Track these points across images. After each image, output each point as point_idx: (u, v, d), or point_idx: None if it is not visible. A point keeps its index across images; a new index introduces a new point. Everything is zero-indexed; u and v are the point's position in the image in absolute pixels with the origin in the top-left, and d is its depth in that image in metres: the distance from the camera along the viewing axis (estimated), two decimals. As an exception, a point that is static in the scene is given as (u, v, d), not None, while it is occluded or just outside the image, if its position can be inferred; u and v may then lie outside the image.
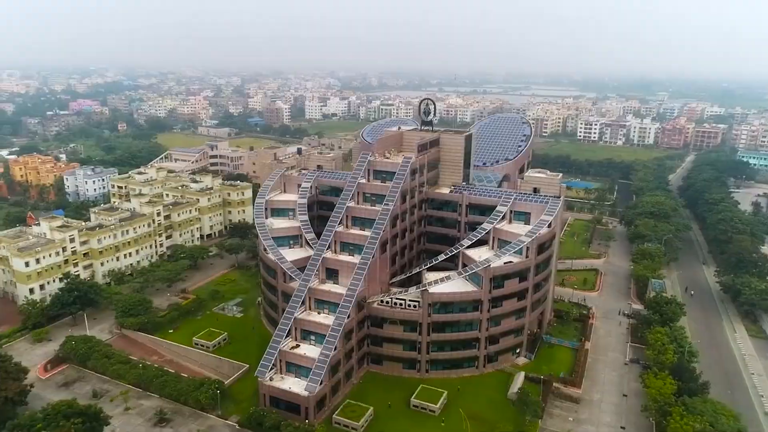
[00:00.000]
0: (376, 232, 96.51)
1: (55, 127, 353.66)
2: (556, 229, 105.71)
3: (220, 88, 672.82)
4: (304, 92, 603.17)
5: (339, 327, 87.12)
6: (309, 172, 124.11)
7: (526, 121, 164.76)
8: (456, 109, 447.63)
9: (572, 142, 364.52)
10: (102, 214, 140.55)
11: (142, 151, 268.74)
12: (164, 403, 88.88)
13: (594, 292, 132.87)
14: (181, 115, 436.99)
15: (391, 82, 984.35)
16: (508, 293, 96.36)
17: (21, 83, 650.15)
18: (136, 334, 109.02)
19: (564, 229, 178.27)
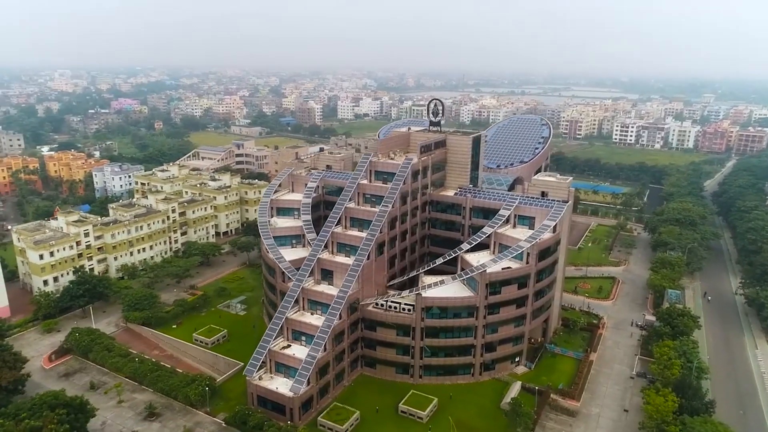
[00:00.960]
0: (371, 234, 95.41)
1: (94, 124, 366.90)
2: (562, 234, 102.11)
3: (257, 88, 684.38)
4: (339, 92, 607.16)
5: (327, 329, 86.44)
6: (316, 172, 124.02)
7: (546, 123, 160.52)
8: (489, 110, 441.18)
9: (607, 145, 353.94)
10: (119, 209, 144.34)
11: (172, 149, 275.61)
12: (156, 398, 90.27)
13: (608, 301, 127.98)
14: (216, 114, 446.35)
15: (428, 82, 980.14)
16: (505, 300, 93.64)
17: (70, 83, 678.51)
18: (141, 328, 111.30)
19: (585, 234, 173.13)
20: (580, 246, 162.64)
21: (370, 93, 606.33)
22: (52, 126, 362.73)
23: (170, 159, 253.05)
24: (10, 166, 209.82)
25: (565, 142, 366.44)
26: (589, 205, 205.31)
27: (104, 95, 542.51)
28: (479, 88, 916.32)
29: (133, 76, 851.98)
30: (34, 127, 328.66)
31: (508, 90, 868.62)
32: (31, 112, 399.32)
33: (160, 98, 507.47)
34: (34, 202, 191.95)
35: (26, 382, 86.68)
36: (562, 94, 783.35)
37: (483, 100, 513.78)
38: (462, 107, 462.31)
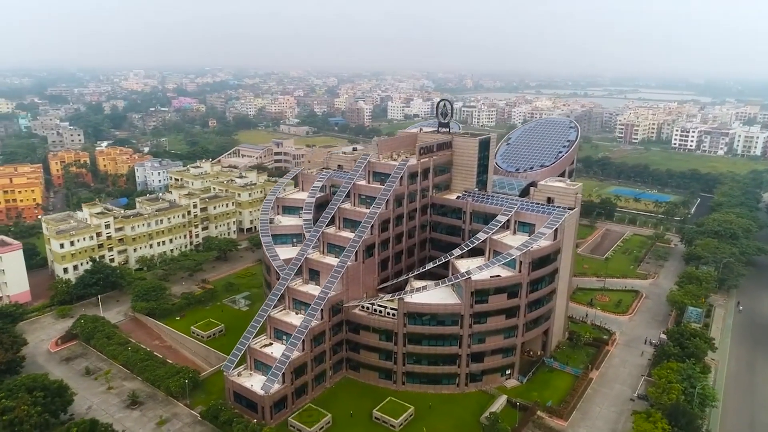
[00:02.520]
0: (358, 236, 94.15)
1: (153, 122, 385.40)
2: (565, 242, 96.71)
3: (313, 88, 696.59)
4: (393, 93, 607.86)
5: (304, 329, 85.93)
6: (324, 172, 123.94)
7: (574, 126, 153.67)
8: (541, 112, 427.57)
9: (664, 150, 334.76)
10: (144, 203, 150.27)
11: (218, 146, 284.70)
12: (144, 387, 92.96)
13: (624, 316, 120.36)
14: (268, 113, 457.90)
15: (487, 83, 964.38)
16: (493, 309, 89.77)
17: (141, 82, 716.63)
18: (146, 318, 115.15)
19: (617, 244, 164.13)
20: (608, 256, 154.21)
21: (424, 94, 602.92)
22: (114, 123, 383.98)
23: (213, 156, 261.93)
24: (63, 160, 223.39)
25: (618, 147, 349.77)
26: (627, 213, 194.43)
27: (168, 94, 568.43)
28: (540, 90, 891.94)
29: (201, 76, 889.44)
30: (96, 123, 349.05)
31: (570, 92, 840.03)
32: (98, 110, 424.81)
33: (219, 97, 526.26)
34: (82, 193, 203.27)
35: (24, 363, 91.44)
36: (628, 96, 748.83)
37: (537, 101, 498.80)
38: (514, 109, 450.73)
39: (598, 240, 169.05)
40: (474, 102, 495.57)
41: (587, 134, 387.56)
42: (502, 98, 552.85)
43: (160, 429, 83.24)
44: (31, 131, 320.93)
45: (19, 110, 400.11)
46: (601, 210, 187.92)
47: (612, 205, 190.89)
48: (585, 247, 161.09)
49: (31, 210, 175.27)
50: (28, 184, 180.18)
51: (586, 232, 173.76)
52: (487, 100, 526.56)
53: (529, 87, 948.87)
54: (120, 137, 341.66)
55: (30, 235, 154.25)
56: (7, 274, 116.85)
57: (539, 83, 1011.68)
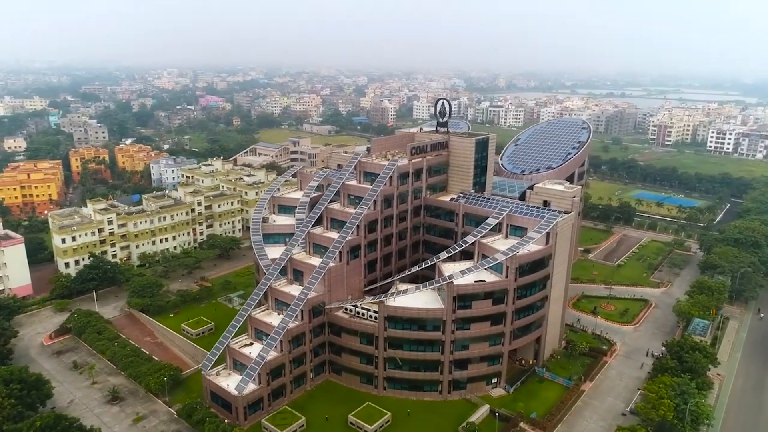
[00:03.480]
0: (342, 237, 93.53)
1: (178, 120, 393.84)
2: (555, 248, 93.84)
3: (342, 87, 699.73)
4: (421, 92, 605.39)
5: (282, 330, 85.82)
6: (322, 171, 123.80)
7: (586, 126, 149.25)
8: (571, 112, 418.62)
9: (698, 153, 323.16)
10: (150, 200, 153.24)
11: (237, 144, 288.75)
12: (127, 383, 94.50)
13: (629, 326, 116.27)
14: (293, 112, 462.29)
15: (521, 83, 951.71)
16: (477, 315, 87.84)
17: (172, 80, 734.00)
18: (140, 315, 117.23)
19: (632, 250, 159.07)
20: (620, 262, 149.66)
21: (453, 93, 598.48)
22: (141, 120, 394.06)
23: (230, 154, 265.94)
24: (83, 157, 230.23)
25: (650, 149, 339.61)
26: (647, 218, 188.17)
27: (198, 93, 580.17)
28: (575, 89, 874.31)
29: (233, 74, 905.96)
30: (122, 121, 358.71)
31: (607, 92, 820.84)
32: (126, 108, 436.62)
33: (246, 96, 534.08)
34: (97, 190, 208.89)
35: (12, 356, 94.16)
36: (668, 96, 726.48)
37: (568, 101, 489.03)
38: (543, 109, 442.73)
39: (613, 246, 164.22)
40: (501, 101, 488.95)
41: (618, 135, 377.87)
42: (532, 98, 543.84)
43: (137, 425, 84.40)
44: (60, 128, 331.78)
45: (52, 108, 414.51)
46: (619, 214, 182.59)
47: (631, 209, 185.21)
48: (598, 252, 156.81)
49: (46, 205, 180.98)
50: (45, 180, 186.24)
51: (601, 237, 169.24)
52: (516, 100, 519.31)
53: (564, 87, 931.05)
54: (145, 134, 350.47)
55: (40, 230, 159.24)
56: (8, 267, 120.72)
57: (575, 83, 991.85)
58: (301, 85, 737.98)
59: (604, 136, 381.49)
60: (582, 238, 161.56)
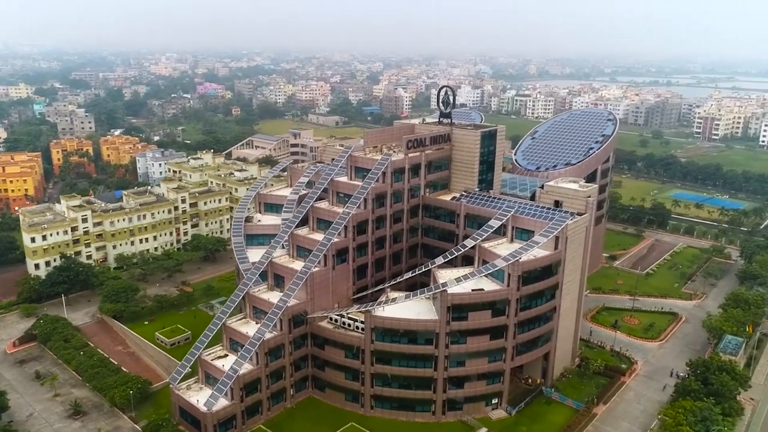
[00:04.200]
0: (327, 239, 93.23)
1: (172, 109, 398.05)
2: (565, 253, 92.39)
3: (354, 74, 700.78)
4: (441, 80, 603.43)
5: (257, 341, 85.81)
6: (312, 166, 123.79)
7: (612, 118, 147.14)
8: (606, 102, 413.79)
9: (750, 149, 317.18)
10: (130, 196, 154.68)
11: (232, 136, 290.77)
12: (92, 395, 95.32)
13: (654, 342, 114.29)
14: (299, 101, 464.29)
15: (554, 69, 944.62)
16: (474, 327, 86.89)
17: (170, 66, 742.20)
18: (112, 322, 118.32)
19: (664, 257, 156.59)
20: (649, 271, 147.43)
21: (476, 81, 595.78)
22: (132, 109, 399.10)
23: (225, 146, 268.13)
24: (65, 149, 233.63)
25: (694, 144, 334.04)
26: (684, 221, 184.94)
27: (196, 79, 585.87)
28: (615, 77, 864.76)
29: (236, 60, 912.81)
30: (110, 110, 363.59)
31: (651, 79, 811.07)
32: (117, 96, 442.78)
33: (249, 83, 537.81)
34: (80, 185, 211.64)
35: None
36: (719, 85, 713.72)
37: (604, 90, 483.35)
38: (576, 99, 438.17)
39: (643, 252, 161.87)
40: (529, 90, 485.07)
41: (659, 128, 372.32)
42: (565, 86, 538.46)
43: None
44: (44, 118, 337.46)
45: (38, 95, 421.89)
46: (652, 217, 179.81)
47: (665, 211, 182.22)
48: (625, 259, 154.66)
49: (22, 201, 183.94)
50: (21, 174, 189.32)
51: (630, 242, 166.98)
52: (546, 88, 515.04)
53: (602, 74, 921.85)
54: (136, 125, 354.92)
55: (12, 228, 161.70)
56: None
57: (615, 69, 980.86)
58: (310, 71, 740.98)
59: (643, 129, 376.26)
60: (608, 243, 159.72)
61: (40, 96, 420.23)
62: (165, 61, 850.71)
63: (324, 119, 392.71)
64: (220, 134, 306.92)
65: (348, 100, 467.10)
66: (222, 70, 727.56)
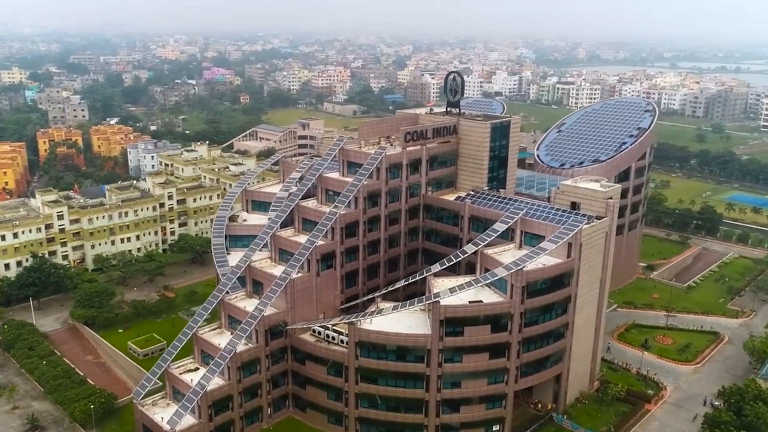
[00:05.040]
0: (310, 241, 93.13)
1: (174, 96, 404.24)
2: (579, 262, 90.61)
3: (378, 58, 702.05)
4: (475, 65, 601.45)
5: (228, 353, 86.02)
6: (306, 161, 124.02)
7: (650, 109, 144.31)
8: (660, 92, 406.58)
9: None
10: (113, 191, 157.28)
11: (236, 126, 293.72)
12: (53, 409, 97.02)
13: (688, 365, 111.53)
14: (314, 88, 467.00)
15: (606, 54, 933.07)
16: (471, 344, 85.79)
17: (177, 49, 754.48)
18: (84, 328, 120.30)
19: (711, 268, 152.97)
20: (691, 283, 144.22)
21: (515, 67, 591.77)
22: (132, 96, 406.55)
23: (227, 138, 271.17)
24: (53, 138, 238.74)
25: (760, 139, 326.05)
26: (739, 227, 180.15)
27: (204, 64, 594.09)
28: (676, 62, 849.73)
29: (251, 42, 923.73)
30: (107, 97, 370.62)
31: (718, 65, 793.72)
32: (116, 81, 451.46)
33: (261, 68, 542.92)
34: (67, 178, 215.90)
35: None
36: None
37: (659, 77, 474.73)
38: (626, 87, 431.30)
39: (687, 262, 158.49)
40: (573, 77, 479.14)
41: (721, 121, 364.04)
42: (616, 73, 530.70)
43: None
44: (36, 105, 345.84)
45: (32, 81, 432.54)
46: (701, 222, 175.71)
47: (716, 215, 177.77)
48: (665, 269, 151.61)
49: (1, 195, 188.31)
50: (1, 166, 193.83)
51: (673, 251, 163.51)
52: (594, 75, 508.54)
53: (662, 59, 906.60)
54: (135, 113, 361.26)
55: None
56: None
57: (676, 54, 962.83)
58: (330, 55, 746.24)
59: (702, 121, 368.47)
60: (646, 252, 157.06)
61: (34, 81, 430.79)
62: (173, 43, 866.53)
63: (340, 108, 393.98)
64: (225, 124, 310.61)
65: (369, 87, 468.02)
66: (234, 54, 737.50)
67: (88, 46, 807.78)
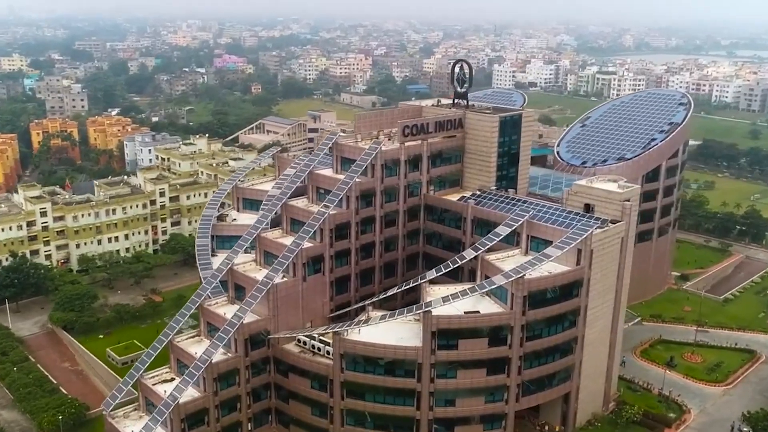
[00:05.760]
0: (296, 243, 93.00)
1: (181, 85, 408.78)
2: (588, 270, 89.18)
3: (404, 45, 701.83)
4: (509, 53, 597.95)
5: (202, 363, 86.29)
6: (302, 155, 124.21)
7: (685, 102, 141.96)
8: (712, 83, 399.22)
9: None
10: (102, 187, 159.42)
11: (243, 118, 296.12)
12: (22, 419, 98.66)
13: (718, 386, 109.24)
14: (332, 78, 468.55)
15: (657, 41, 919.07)
16: (465, 359, 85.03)
17: (190, 35, 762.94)
18: (63, 333, 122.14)
19: (751, 280, 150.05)
20: (729, 296, 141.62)
21: (553, 55, 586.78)
22: (137, 86, 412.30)
23: (233, 131, 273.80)
24: (47, 130, 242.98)
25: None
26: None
27: (217, 51, 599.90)
28: (734, 50, 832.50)
29: (269, 28, 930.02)
30: (109, 86, 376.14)
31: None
32: (121, 69, 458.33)
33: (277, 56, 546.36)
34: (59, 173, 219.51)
35: None
36: None
37: (711, 67, 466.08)
38: (674, 77, 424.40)
39: (727, 271, 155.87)
40: (616, 66, 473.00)
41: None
42: (665, 62, 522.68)
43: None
44: (35, 94, 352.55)
45: (33, 68, 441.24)
46: (744, 227, 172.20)
47: (763, 220, 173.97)
48: (701, 280, 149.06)
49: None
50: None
51: (712, 259, 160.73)
52: (640, 65, 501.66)
53: (718, 47, 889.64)
54: (139, 103, 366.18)
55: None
56: None
57: (735, 41, 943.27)
58: (353, 42, 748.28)
59: (758, 116, 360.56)
60: (681, 259, 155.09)
61: (35, 69, 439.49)
62: (186, 29, 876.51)
63: (358, 99, 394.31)
64: (234, 116, 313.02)
65: (391, 76, 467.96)
66: (249, 40, 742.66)
67: (96, 32, 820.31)
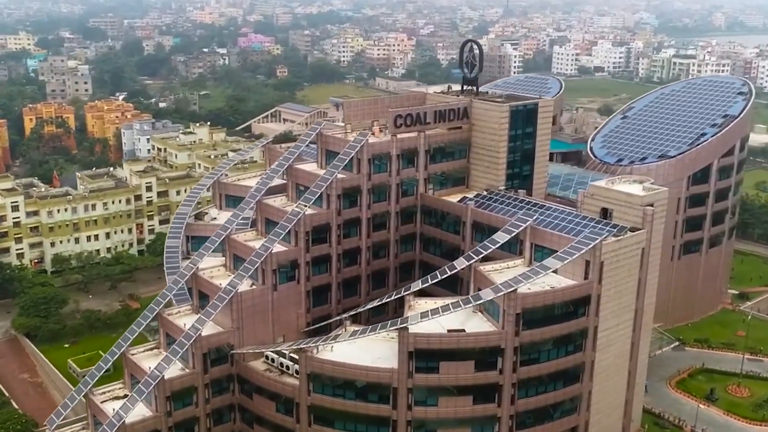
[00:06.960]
0: (264, 247, 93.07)
1: (198, 67, 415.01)
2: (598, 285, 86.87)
3: (456, 24, 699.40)
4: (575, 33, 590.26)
5: (153, 379, 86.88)
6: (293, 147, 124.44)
7: (745, 90, 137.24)
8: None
9: None
10: (86, 179, 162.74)
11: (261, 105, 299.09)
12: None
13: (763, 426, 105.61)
14: (369, 60, 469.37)
15: (753, 20, 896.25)
16: (448, 384, 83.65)
17: (217, 12, 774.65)
18: (24, 341, 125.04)
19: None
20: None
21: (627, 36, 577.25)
22: (150, 68, 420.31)
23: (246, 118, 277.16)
24: (41, 115, 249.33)
25: None
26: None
27: (244, 29, 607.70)
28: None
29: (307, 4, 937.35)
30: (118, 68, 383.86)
31: None
32: (135, 49, 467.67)
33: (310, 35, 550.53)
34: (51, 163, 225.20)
35: None
36: None
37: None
38: (765, 62, 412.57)
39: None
40: (698, 49, 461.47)
41: None
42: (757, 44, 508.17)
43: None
44: (38, 75, 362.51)
45: (40, 47, 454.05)
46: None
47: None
48: (764, 299, 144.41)
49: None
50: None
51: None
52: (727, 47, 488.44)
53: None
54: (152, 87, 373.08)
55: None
56: None
57: None
58: (399, 20, 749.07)
59: None
60: (742, 275, 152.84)
61: (43, 48, 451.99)
62: (214, 4, 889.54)
63: (395, 85, 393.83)
64: (253, 101, 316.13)
65: (435, 59, 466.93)
66: (283, 18, 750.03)
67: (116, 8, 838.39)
